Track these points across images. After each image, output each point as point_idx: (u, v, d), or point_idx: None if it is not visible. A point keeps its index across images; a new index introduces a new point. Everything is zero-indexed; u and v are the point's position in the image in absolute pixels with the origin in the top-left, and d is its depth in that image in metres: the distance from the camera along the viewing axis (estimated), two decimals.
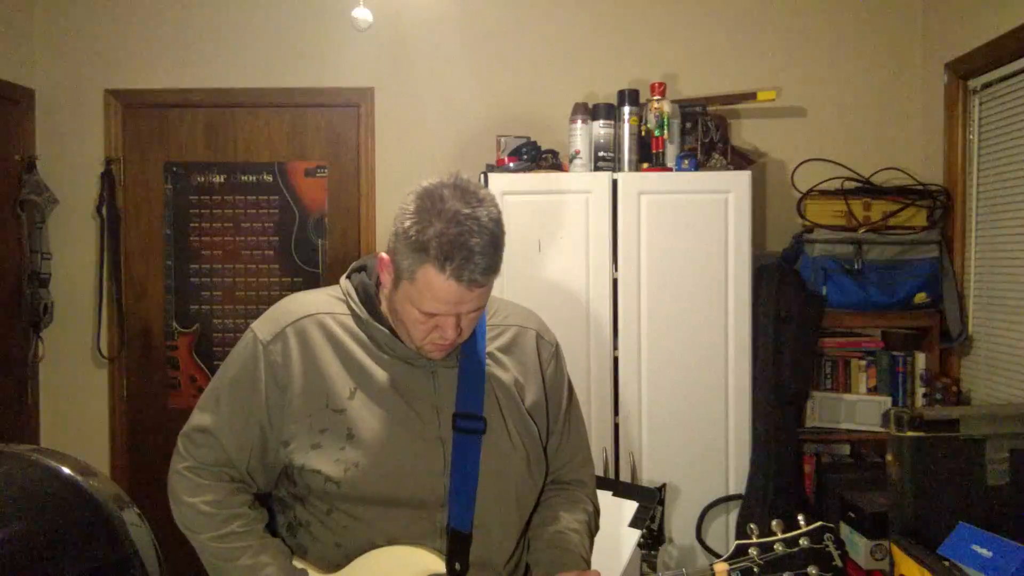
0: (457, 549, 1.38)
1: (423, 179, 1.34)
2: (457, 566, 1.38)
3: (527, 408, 1.48)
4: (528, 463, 1.46)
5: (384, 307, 1.43)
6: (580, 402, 2.86)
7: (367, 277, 1.47)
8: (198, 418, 1.44)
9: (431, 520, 1.38)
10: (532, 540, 1.49)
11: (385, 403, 1.39)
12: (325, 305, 1.45)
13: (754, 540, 1.37)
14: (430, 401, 1.41)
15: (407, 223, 1.29)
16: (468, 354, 1.44)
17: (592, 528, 1.55)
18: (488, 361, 1.46)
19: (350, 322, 1.44)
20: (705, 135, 2.92)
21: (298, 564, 1.42)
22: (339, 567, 1.40)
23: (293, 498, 1.44)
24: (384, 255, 1.37)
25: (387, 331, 1.41)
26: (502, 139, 3.03)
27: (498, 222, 1.32)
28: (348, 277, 1.50)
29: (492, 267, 1.30)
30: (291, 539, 1.45)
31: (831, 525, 1.40)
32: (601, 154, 2.90)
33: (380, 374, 1.40)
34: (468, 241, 1.26)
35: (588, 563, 1.46)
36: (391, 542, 1.38)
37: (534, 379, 1.51)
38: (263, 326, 1.44)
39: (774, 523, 1.39)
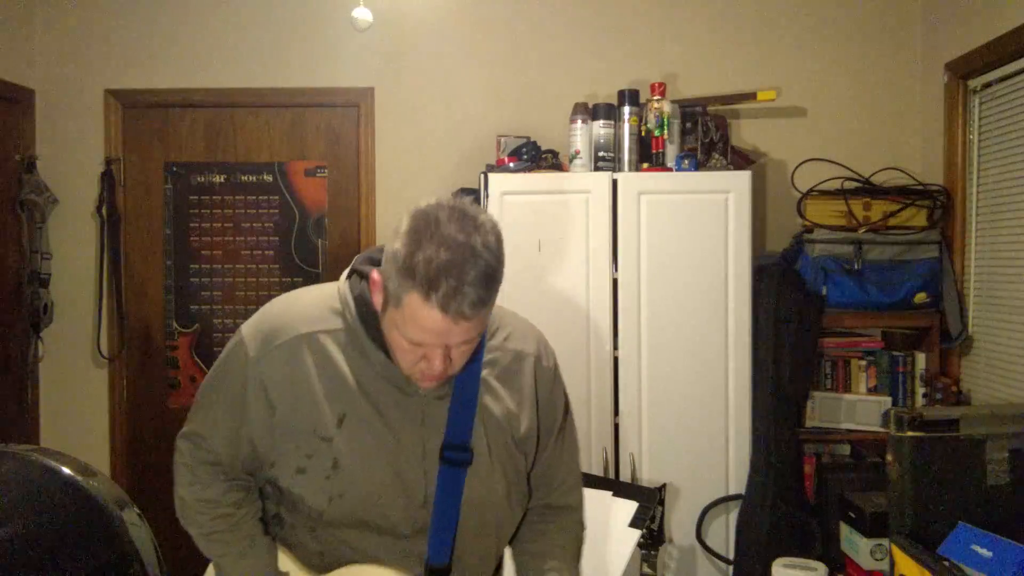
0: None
1: (421, 199, 1.26)
2: None
3: (518, 440, 1.44)
4: (509, 495, 1.45)
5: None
6: (580, 402, 2.87)
7: (368, 287, 1.35)
8: (193, 424, 1.45)
9: (411, 547, 1.38)
10: (528, 571, 1.50)
11: (372, 432, 1.35)
12: (319, 319, 1.37)
13: None
14: (418, 433, 1.37)
15: (397, 244, 1.21)
16: (462, 382, 1.38)
17: (580, 550, 1.56)
18: (481, 388, 1.40)
19: (345, 339, 1.36)
20: (705, 135, 2.92)
21: (283, 556, 1.44)
22: (320, 571, 1.41)
23: (278, 504, 1.44)
24: (375, 274, 1.29)
25: (383, 355, 1.34)
26: (502, 139, 3.03)
27: (495, 252, 1.22)
28: (348, 277, 1.41)
29: (483, 300, 1.20)
30: (278, 530, 1.46)
31: None
32: (601, 154, 2.90)
33: (370, 400, 1.35)
34: (458, 271, 1.17)
35: None
36: (372, 562, 1.38)
37: (529, 409, 1.46)
38: (253, 340, 1.38)
39: None
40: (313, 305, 1.40)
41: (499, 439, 1.42)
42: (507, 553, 1.56)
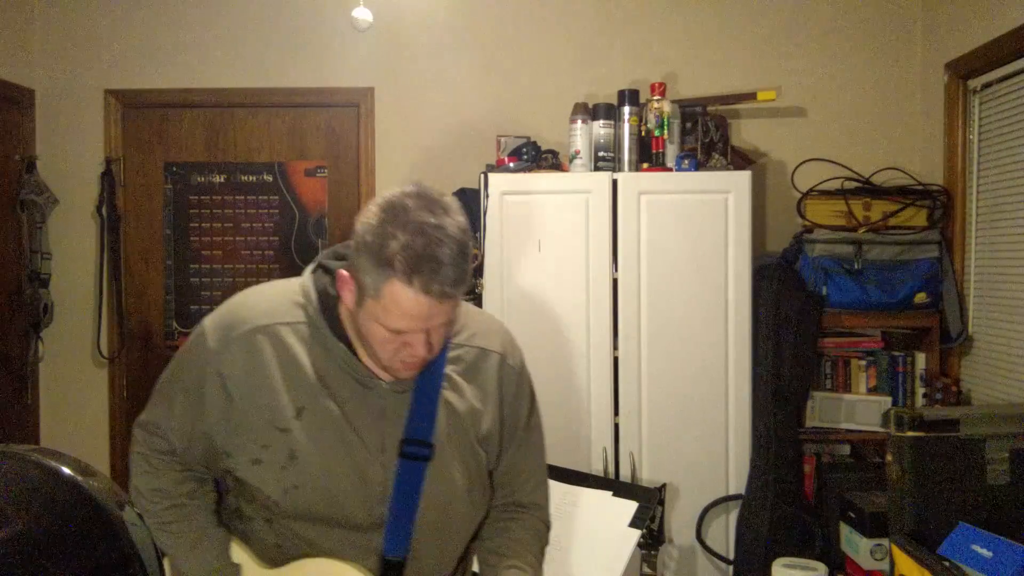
0: (390, 572, 1.38)
1: (384, 191, 1.28)
2: None
3: (480, 437, 1.44)
4: (470, 491, 1.44)
5: (344, 316, 1.37)
6: (580, 402, 2.87)
7: (332, 282, 1.37)
8: (150, 412, 1.46)
9: (368, 540, 1.38)
10: (488, 568, 1.50)
11: (331, 425, 1.34)
12: (281, 312, 1.38)
13: None
14: (378, 427, 1.37)
15: (369, 238, 1.22)
16: (424, 378, 1.38)
17: (544, 549, 1.56)
18: (445, 384, 1.41)
19: (306, 332, 1.36)
20: (705, 135, 2.92)
21: (238, 548, 1.44)
22: (276, 564, 1.41)
23: (237, 496, 1.44)
24: (344, 271, 1.30)
25: (344, 348, 1.35)
26: (502, 139, 3.03)
27: (465, 231, 1.25)
28: (314, 271, 1.41)
29: (462, 278, 1.24)
30: (239, 524, 1.45)
31: None
32: (601, 154, 2.90)
33: (330, 393, 1.35)
34: (435, 252, 1.20)
35: None
36: (327, 556, 1.38)
37: (492, 407, 1.46)
38: (214, 332, 1.39)
39: None
40: (275, 297, 1.41)
41: (461, 435, 1.42)
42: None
